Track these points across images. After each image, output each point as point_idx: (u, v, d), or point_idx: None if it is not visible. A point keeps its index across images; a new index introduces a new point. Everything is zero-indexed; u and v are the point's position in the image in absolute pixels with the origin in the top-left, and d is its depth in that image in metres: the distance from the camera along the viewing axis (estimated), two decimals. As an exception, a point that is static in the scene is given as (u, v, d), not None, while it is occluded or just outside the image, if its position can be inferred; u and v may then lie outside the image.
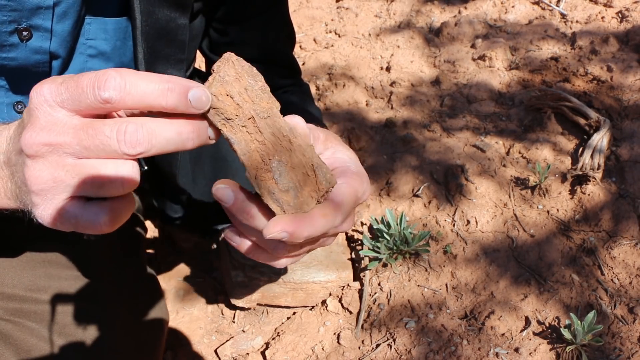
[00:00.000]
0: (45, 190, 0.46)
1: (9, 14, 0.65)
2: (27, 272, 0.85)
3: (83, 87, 0.43)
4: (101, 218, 0.46)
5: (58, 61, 0.73)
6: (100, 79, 0.43)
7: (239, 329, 1.20)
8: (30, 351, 0.79)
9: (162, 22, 0.75)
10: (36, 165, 0.45)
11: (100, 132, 0.43)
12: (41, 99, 0.44)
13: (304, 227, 0.48)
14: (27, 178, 0.45)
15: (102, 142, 0.43)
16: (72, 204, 0.46)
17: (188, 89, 0.44)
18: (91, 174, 0.45)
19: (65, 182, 0.45)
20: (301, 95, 1.00)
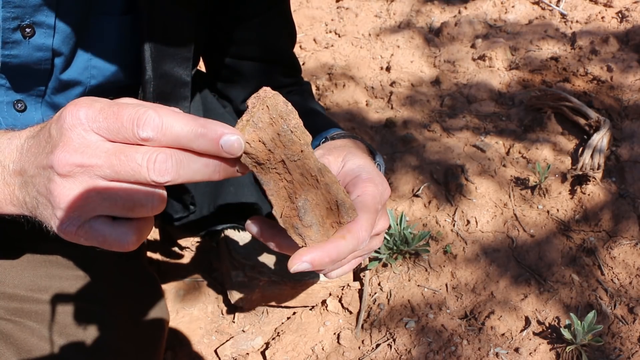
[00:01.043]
0: (73, 208, 0.47)
1: (12, 11, 0.65)
2: (28, 272, 0.85)
3: (123, 122, 0.45)
4: (129, 238, 0.48)
5: (60, 58, 0.73)
6: (140, 118, 0.44)
7: (239, 329, 1.20)
8: (31, 351, 0.79)
9: (168, 20, 0.75)
10: (66, 184, 0.46)
11: (131, 159, 0.45)
12: (76, 122, 0.45)
13: (324, 255, 0.51)
14: (54, 195, 0.46)
15: (133, 168, 0.45)
16: (100, 222, 0.48)
17: (221, 135, 0.45)
18: (121, 197, 0.46)
19: (95, 203, 0.46)
20: (303, 94, 1.01)
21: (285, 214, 0.52)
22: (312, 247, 0.52)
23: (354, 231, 0.54)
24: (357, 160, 0.63)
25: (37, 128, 0.51)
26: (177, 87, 0.82)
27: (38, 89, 0.75)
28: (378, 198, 0.58)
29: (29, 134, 0.51)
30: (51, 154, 0.46)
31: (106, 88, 0.81)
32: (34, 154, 0.49)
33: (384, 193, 0.60)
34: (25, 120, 0.77)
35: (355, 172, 0.61)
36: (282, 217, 0.52)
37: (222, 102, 1.03)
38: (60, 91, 0.77)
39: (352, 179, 0.60)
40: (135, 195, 0.46)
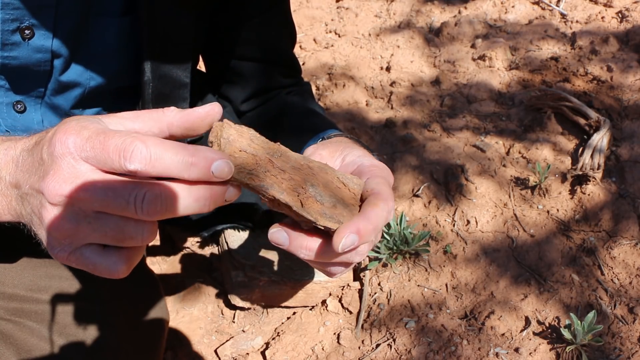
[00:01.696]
0: (63, 237, 0.47)
1: (11, 12, 0.65)
2: (28, 272, 0.85)
3: (109, 152, 0.44)
4: (119, 267, 0.48)
5: (60, 60, 0.73)
6: (127, 149, 0.44)
7: (239, 329, 1.20)
8: (31, 351, 0.79)
9: (168, 22, 0.75)
10: (57, 212, 0.46)
11: (120, 196, 0.44)
12: (65, 150, 0.45)
13: (367, 222, 0.51)
14: (45, 221, 0.47)
15: (121, 205, 0.44)
16: (90, 250, 0.48)
17: (211, 161, 0.45)
18: (111, 229, 0.46)
19: (85, 233, 0.46)
20: (303, 94, 1.01)
21: (306, 205, 0.51)
22: (350, 222, 0.51)
23: (383, 198, 0.54)
24: (357, 152, 0.63)
25: (32, 141, 0.50)
26: (176, 89, 0.82)
27: (38, 90, 0.76)
28: (386, 178, 0.59)
29: (24, 146, 0.51)
30: (42, 181, 0.46)
31: (105, 89, 0.81)
32: (28, 171, 0.49)
33: (390, 176, 0.60)
34: (25, 121, 0.77)
35: (356, 162, 0.61)
36: (305, 208, 0.51)
37: (222, 102, 1.03)
38: (59, 92, 0.77)
39: (356, 169, 0.60)
40: (124, 228, 0.46)
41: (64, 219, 0.46)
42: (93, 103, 0.82)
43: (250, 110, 1.02)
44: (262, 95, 1.00)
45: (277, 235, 0.53)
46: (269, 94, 1.00)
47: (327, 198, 0.52)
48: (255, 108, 1.02)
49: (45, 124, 0.79)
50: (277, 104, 0.98)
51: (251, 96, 1.00)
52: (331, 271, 0.58)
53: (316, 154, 0.64)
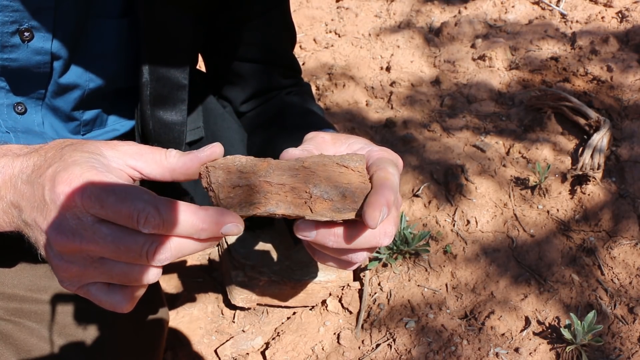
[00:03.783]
0: (70, 278, 0.49)
1: (10, 15, 0.65)
2: (28, 272, 0.85)
3: (121, 216, 0.45)
4: (123, 305, 0.51)
5: (59, 62, 0.73)
6: (140, 215, 0.45)
7: (239, 329, 1.20)
8: (31, 351, 0.79)
9: (166, 23, 0.75)
10: (65, 258, 0.48)
11: (131, 250, 0.46)
12: (72, 204, 0.46)
13: (390, 193, 0.52)
14: (52, 264, 0.49)
15: (132, 257, 0.47)
16: (96, 288, 0.50)
17: (221, 225, 0.48)
18: (117, 274, 0.48)
19: (93, 276, 0.49)
20: (302, 95, 1.00)
21: (317, 210, 0.51)
22: (370, 200, 0.51)
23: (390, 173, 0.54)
24: (362, 140, 0.63)
25: (30, 163, 0.51)
26: (174, 90, 0.82)
27: (38, 92, 0.76)
28: (394, 159, 0.59)
29: (22, 167, 0.51)
30: (48, 228, 0.47)
31: (104, 91, 0.81)
32: (29, 202, 0.49)
33: (398, 159, 0.60)
34: (26, 122, 0.77)
35: (365, 149, 0.61)
36: (318, 213, 0.51)
37: (221, 103, 1.03)
38: (59, 95, 0.77)
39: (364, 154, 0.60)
40: (131, 273, 0.48)
41: (70, 266, 0.48)
42: (92, 105, 0.82)
43: (250, 111, 1.02)
44: (262, 96, 1.00)
45: (304, 226, 0.53)
46: (269, 95, 1.00)
47: (334, 191, 0.51)
48: (255, 109, 1.02)
49: (46, 126, 0.79)
50: (276, 104, 0.98)
51: (251, 97, 1.00)
52: (354, 259, 0.57)
53: (318, 137, 0.62)
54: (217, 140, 0.97)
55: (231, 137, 0.97)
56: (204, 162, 0.51)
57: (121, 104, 0.86)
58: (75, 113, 0.80)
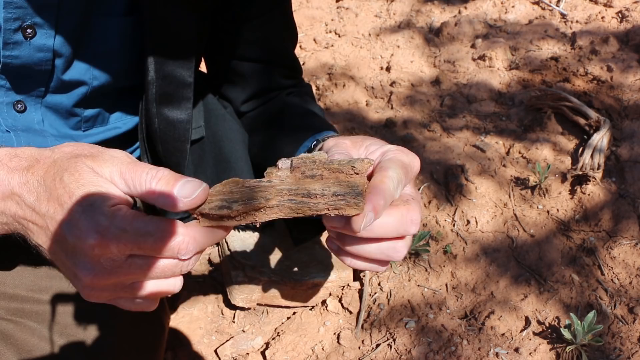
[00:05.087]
0: (100, 300, 0.52)
1: (13, 12, 0.65)
2: (29, 273, 0.85)
3: (164, 254, 0.50)
4: (152, 306, 0.55)
5: (61, 59, 0.73)
6: (181, 249, 0.50)
7: (239, 329, 1.20)
8: (31, 351, 0.79)
9: (171, 21, 0.75)
10: (97, 289, 0.51)
11: (168, 269, 0.51)
12: (106, 252, 0.48)
13: (379, 197, 0.51)
14: (84, 294, 0.52)
15: (169, 274, 0.51)
16: (124, 300, 0.54)
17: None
18: (151, 290, 0.52)
19: (125, 296, 0.53)
20: (303, 96, 1.00)
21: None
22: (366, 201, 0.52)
23: (390, 176, 0.54)
24: (378, 142, 0.62)
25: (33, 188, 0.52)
26: (180, 88, 0.82)
27: (38, 90, 0.75)
28: (406, 158, 0.58)
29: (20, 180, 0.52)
30: (81, 271, 0.49)
31: (108, 89, 0.81)
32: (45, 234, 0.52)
33: (414, 160, 0.59)
34: (25, 121, 0.76)
35: (383, 149, 0.61)
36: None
37: (222, 103, 1.03)
38: (61, 91, 0.77)
39: (382, 154, 0.60)
40: (164, 286, 0.53)
41: (102, 292, 0.51)
42: (95, 103, 0.82)
43: (250, 111, 1.02)
44: (262, 96, 1.00)
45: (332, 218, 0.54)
46: (270, 95, 1.00)
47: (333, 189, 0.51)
48: (255, 109, 1.02)
49: (46, 124, 0.79)
50: (277, 105, 0.98)
51: (251, 97, 1.00)
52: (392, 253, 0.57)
53: (340, 143, 0.63)
54: (218, 140, 0.98)
55: (232, 138, 0.97)
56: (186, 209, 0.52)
57: (124, 102, 0.86)
58: (77, 109, 0.80)
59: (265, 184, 0.50)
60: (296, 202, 0.50)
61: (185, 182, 0.49)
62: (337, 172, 0.51)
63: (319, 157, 0.52)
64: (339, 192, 0.50)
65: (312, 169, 0.51)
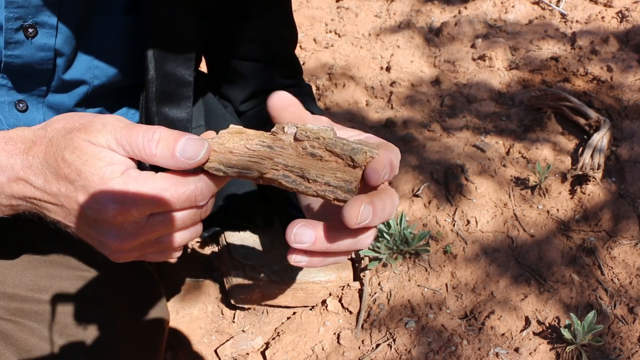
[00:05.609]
0: (128, 258, 0.54)
1: (15, 11, 0.65)
2: (29, 272, 0.85)
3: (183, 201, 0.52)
4: (178, 254, 0.58)
5: (62, 58, 0.73)
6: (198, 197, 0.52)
7: (239, 329, 1.20)
8: (31, 351, 0.79)
9: (171, 21, 0.75)
10: (124, 252, 0.53)
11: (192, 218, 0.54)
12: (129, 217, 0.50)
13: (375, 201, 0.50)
14: (113, 258, 0.54)
15: (193, 222, 0.54)
16: (152, 254, 0.56)
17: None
18: (176, 242, 0.55)
19: (151, 251, 0.55)
20: (302, 95, 1.00)
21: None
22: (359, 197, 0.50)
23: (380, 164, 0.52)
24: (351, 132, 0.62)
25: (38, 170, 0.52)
26: (180, 87, 0.82)
27: (40, 89, 0.76)
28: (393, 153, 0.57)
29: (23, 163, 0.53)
30: (104, 237, 0.51)
31: (109, 89, 0.81)
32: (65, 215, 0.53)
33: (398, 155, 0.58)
34: (27, 120, 0.77)
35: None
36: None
37: (222, 103, 1.04)
38: (62, 91, 0.77)
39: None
40: (188, 237, 0.55)
41: (130, 253, 0.54)
42: (96, 102, 0.82)
43: (249, 110, 1.03)
44: (261, 96, 1.00)
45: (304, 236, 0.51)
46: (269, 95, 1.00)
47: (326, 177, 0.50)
48: (254, 108, 1.02)
49: None
50: None
51: (251, 96, 1.00)
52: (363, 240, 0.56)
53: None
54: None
55: None
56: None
57: (125, 101, 0.86)
58: (78, 109, 0.80)
59: (266, 149, 0.50)
60: (289, 179, 0.50)
61: (186, 142, 0.49)
62: (337, 157, 0.50)
63: (325, 133, 0.50)
64: (331, 182, 0.49)
65: (314, 146, 0.50)
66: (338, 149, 0.50)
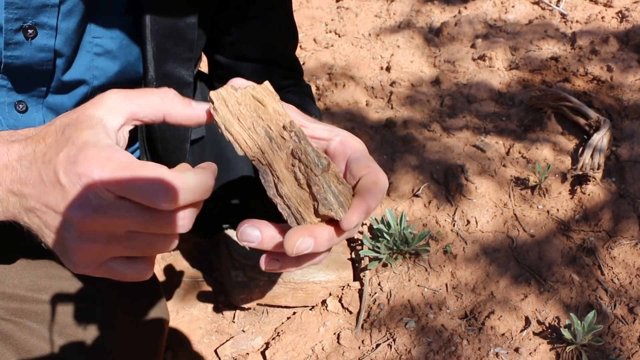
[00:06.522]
0: (92, 258, 0.48)
1: (14, 12, 0.65)
2: (28, 272, 0.85)
3: (137, 189, 0.45)
4: (147, 272, 0.51)
5: (62, 59, 0.73)
6: (157, 188, 0.45)
7: (239, 329, 1.20)
8: (31, 351, 0.79)
9: (171, 21, 0.75)
10: (86, 238, 0.46)
11: (160, 218, 0.46)
12: (91, 181, 0.45)
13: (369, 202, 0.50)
14: (73, 249, 0.47)
15: (160, 226, 0.46)
16: (117, 262, 0.49)
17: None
18: (142, 245, 0.48)
19: (116, 251, 0.48)
20: (301, 96, 1.00)
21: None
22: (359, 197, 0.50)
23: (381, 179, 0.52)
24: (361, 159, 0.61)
25: (30, 150, 0.49)
26: (179, 88, 0.82)
27: (39, 90, 0.76)
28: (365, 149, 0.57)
29: (21, 153, 0.50)
30: (69, 209, 0.46)
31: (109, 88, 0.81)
32: (37, 188, 0.48)
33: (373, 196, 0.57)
34: (27, 121, 0.77)
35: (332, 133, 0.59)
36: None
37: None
38: (62, 92, 0.77)
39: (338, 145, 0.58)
40: (155, 243, 0.48)
41: (92, 244, 0.47)
42: None
43: None
44: None
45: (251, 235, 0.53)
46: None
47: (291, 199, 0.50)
48: None
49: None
50: None
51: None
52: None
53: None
54: (219, 140, 0.97)
55: None
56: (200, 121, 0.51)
57: None
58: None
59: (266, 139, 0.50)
60: (266, 178, 0.50)
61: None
62: (310, 194, 0.50)
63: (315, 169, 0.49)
64: (292, 208, 0.50)
65: (300, 170, 0.49)
66: (314, 190, 0.49)
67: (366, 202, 0.50)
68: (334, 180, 0.50)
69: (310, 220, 0.50)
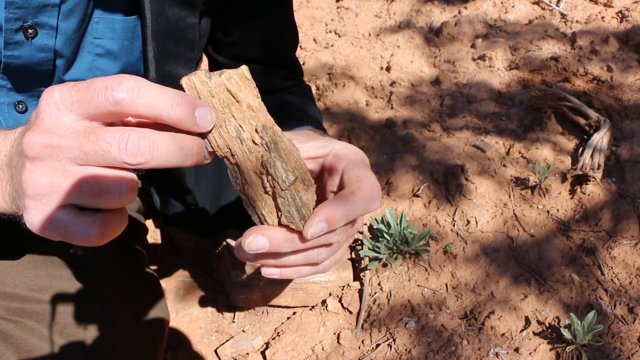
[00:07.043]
0: (40, 195, 0.44)
1: (15, 12, 0.65)
2: (29, 272, 0.85)
3: (95, 89, 0.42)
4: (92, 230, 0.45)
5: (62, 59, 0.73)
6: (114, 81, 0.42)
7: (239, 329, 1.20)
8: (31, 351, 0.79)
9: (172, 21, 0.75)
10: (34, 168, 0.44)
11: (101, 139, 0.42)
12: (50, 101, 0.43)
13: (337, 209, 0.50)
14: (23, 180, 0.44)
15: (102, 148, 0.42)
16: (64, 212, 0.45)
17: (195, 106, 0.44)
18: (89, 182, 0.44)
19: (62, 189, 0.44)
20: (301, 96, 1.00)
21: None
22: (322, 206, 0.50)
23: (364, 187, 0.52)
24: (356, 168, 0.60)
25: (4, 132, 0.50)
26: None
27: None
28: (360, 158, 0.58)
29: (24, 127, 0.49)
30: (22, 137, 0.44)
31: None
32: (18, 143, 0.47)
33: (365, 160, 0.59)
34: (26, 121, 0.77)
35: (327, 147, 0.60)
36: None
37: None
38: None
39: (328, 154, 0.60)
40: (103, 180, 0.44)
41: (40, 174, 0.44)
42: None
43: None
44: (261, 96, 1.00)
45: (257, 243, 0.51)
46: (269, 96, 1.00)
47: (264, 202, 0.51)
48: None
49: None
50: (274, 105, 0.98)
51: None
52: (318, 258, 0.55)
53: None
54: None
55: None
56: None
57: None
58: None
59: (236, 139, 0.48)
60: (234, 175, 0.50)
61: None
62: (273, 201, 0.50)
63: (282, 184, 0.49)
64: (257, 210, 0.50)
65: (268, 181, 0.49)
66: (279, 202, 0.49)
67: (325, 212, 0.50)
68: (300, 191, 0.50)
69: (272, 223, 0.51)
